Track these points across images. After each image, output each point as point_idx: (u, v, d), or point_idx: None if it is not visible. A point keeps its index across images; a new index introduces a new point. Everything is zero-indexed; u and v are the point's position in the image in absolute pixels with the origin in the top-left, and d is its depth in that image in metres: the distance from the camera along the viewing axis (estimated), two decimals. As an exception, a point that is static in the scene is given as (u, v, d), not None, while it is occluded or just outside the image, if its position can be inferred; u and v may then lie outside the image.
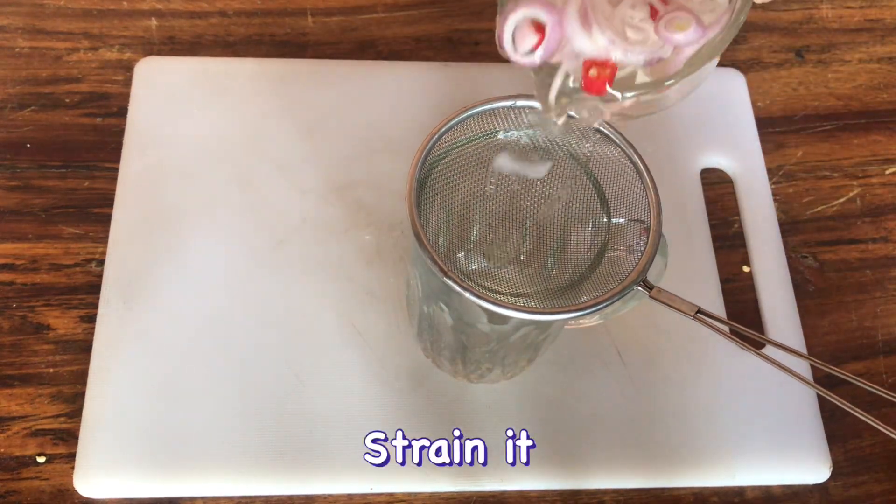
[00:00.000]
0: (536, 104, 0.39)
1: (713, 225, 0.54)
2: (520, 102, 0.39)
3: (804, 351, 0.50)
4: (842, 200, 0.56)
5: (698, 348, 0.49)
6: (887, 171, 0.58)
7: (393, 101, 0.55)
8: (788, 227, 0.55)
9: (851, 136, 0.59)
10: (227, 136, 0.53)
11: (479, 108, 0.39)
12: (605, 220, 0.41)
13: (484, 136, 0.40)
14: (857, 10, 0.64)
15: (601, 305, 0.36)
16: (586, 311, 0.36)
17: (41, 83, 0.56)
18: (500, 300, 0.37)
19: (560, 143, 0.40)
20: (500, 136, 0.40)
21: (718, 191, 0.55)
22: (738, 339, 0.37)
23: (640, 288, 0.37)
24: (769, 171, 0.56)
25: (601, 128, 0.39)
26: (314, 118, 0.54)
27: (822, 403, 0.48)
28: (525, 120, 0.39)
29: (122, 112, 0.55)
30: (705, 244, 0.52)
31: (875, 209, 0.56)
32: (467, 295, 0.35)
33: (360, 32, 0.60)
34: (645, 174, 0.39)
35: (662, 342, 0.49)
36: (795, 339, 0.50)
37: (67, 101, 0.56)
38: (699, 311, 0.37)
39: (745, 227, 0.53)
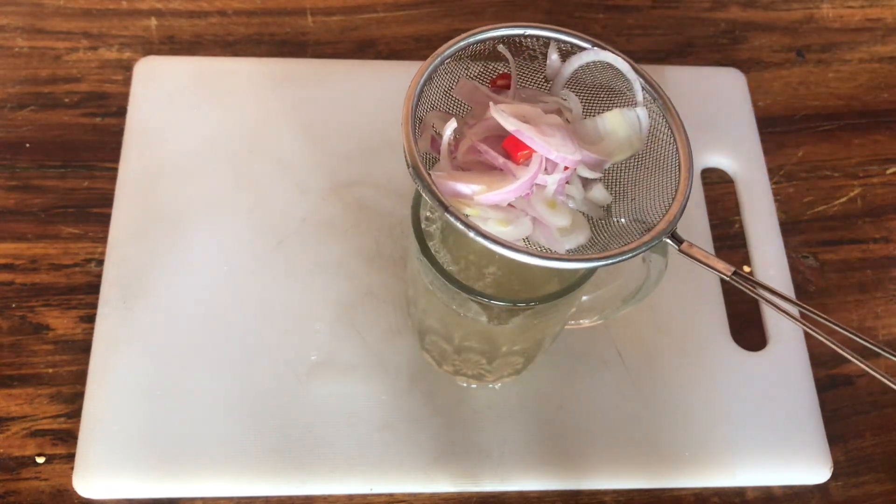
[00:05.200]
0: (545, 33, 0.36)
1: (714, 225, 0.53)
2: (530, 31, 0.36)
3: (807, 353, 0.49)
4: (843, 200, 0.56)
5: (698, 348, 0.49)
6: (888, 171, 0.58)
7: (393, 101, 0.55)
8: (789, 226, 0.55)
9: (852, 136, 0.59)
10: (226, 135, 0.53)
11: (489, 34, 0.36)
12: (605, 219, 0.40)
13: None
14: (858, 9, 0.64)
15: (626, 255, 0.33)
16: (608, 262, 0.33)
17: (40, 83, 0.56)
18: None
19: None
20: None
21: (719, 190, 0.55)
22: (775, 306, 0.35)
23: (669, 240, 0.34)
24: (770, 170, 0.56)
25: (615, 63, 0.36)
26: (314, 118, 0.54)
27: (823, 404, 0.48)
28: None
29: (122, 112, 0.55)
30: (706, 244, 0.52)
31: (876, 209, 0.56)
32: (472, 234, 0.31)
33: (360, 32, 0.60)
34: (672, 108, 0.36)
35: (662, 342, 0.49)
36: (796, 339, 0.50)
37: (67, 100, 0.56)
38: (735, 272, 0.34)
39: (745, 227, 0.53)
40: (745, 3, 0.64)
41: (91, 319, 0.48)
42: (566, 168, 0.34)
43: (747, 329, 0.50)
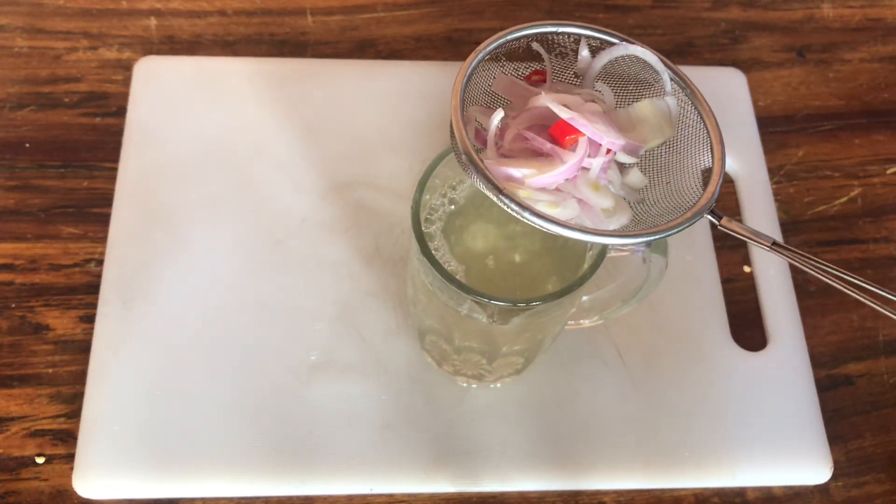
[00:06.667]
0: (576, 30, 0.38)
1: (713, 224, 0.53)
2: (561, 29, 0.38)
3: (807, 353, 0.49)
4: (843, 200, 0.56)
5: (698, 348, 0.49)
6: (888, 171, 0.58)
7: (393, 101, 0.55)
8: (789, 227, 0.55)
9: (852, 136, 0.59)
10: (226, 135, 0.53)
11: (525, 31, 0.37)
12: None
13: None
14: (858, 9, 0.64)
15: (672, 231, 0.34)
16: (656, 237, 0.34)
17: (40, 83, 0.56)
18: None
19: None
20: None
21: (719, 190, 0.55)
22: (821, 272, 0.35)
23: (710, 216, 0.35)
24: (770, 170, 0.56)
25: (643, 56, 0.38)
26: (314, 118, 0.54)
27: (823, 404, 0.48)
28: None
29: (122, 112, 0.55)
30: (706, 244, 0.52)
31: (876, 209, 0.56)
32: (527, 216, 0.32)
33: (360, 32, 0.60)
34: (700, 96, 0.37)
35: (662, 342, 0.49)
36: (796, 338, 0.50)
37: (66, 100, 0.56)
38: (775, 242, 0.36)
39: (745, 227, 0.53)
40: (745, 3, 0.64)
41: (91, 319, 0.48)
42: (608, 151, 0.35)
43: (747, 329, 0.50)
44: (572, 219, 0.35)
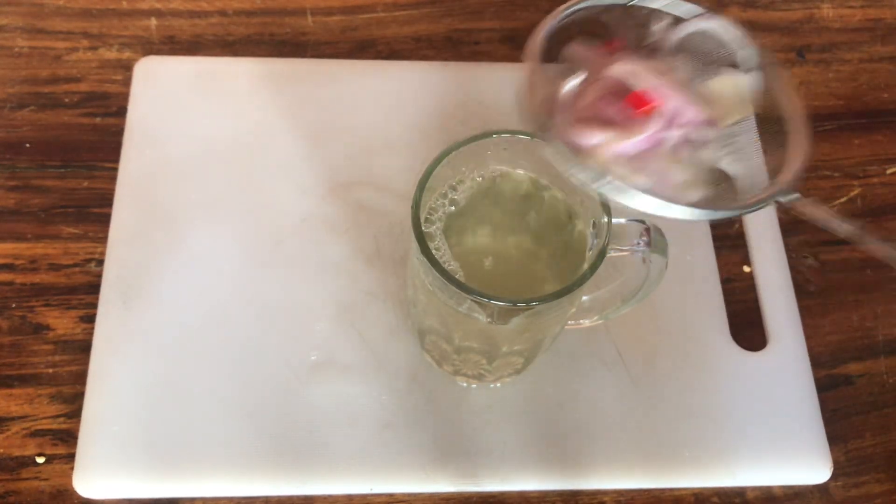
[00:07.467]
0: (655, 4, 0.36)
1: (714, 224, 0.53)
2: (634, 2, 0.36)
3: (807, 353, 0.49)
4: (843, 200, 0.56)
5: (698, 348, 0.49)
6: (888, 171, 0.58)
7: (393, 101, 0.55)
8: (789, 227, 0.54)
9: (852, 136, 0.59)
10: (226, 135, 0.53)
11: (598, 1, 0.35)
12: (605, 220, 0.40)
13: None
14: (858, 9, 0.64)
15: (761, 205, 0.33)
16: (748, 210, 0.33)
17: (40, 83, 0.56)
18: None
19: None
20: None
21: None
22: None
23: (788, 198, 0.34)
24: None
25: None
26: (314, 118, 0.54)
27: (824, 404, 0.48)
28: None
29: (122, 112, 0.55)
30: (706, 244, 0.52)
31: (876, 209, 0.56)
32: (589, 175, 0.31)
33: (360, 32, 0.60)
34: (783, 73, 0.36)
35: (662, 342, 0.49)
36: (796, 338, 0.50)
37: (67, 100, 0.56)
38: (863, 225, 0.34)
39: (745, 227, 0.53)
40: (745, 3, 0.64)
41: (91, 319, 0.48)
42: (687, 123, 0.34)
43: (747, 329, 0.50)
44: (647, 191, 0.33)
